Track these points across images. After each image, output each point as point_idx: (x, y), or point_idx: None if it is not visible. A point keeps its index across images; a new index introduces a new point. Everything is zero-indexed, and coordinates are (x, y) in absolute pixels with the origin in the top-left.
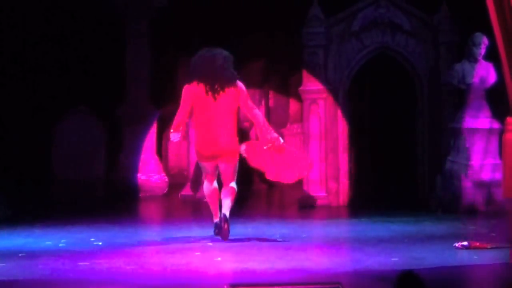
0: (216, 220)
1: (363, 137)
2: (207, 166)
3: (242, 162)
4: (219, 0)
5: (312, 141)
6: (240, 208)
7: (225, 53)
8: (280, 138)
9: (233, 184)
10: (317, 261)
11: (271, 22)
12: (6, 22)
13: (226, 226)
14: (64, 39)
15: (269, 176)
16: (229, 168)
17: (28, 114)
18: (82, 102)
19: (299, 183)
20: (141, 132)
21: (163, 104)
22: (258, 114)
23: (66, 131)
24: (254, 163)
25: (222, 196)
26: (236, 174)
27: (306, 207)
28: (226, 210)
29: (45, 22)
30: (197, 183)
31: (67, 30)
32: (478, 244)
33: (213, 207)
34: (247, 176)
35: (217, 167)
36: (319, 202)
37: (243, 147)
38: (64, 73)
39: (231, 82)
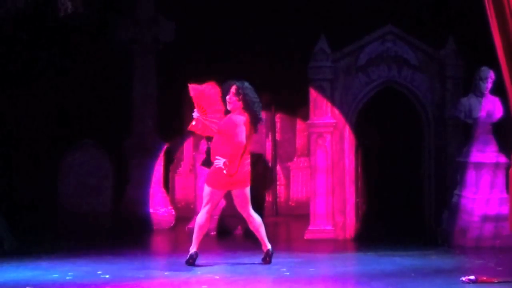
0: (193, 251)
1: (369, 171)
2: (220, 195)
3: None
4: (225, 34)
5: (319, 174)
6: (247, 240)
7: None
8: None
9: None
10: None
11: (277, 56)
12: (10, 55)
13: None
14: (71, 72)
15: None
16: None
17: (35, 147)
18: (89, 135)
19: (306, 216)
20: (147, 165)
21: (170, 137)
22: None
23: (73, 163)
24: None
25: (253, 228)
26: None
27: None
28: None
29: (52, 55)
30: None
31: (73, 64)
32: (485, 278)
33: (199, 238)
34: (255, 208)
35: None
36: (326, 235)
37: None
38: (71, 106)
39: None
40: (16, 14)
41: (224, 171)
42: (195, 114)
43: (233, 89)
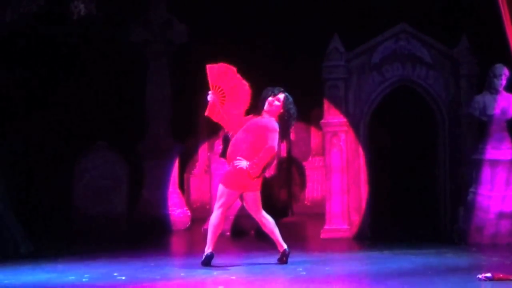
0: (209, 252)
1: (384, 169)
2: (235, 196)
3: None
4: (238, 35)
5: (334, 174)
6: (264, 240)
7: None
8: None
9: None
10: None
11: (291, 56)
12: (23, 60)
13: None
14: (85, 75)
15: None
16: (254, 197)
17: (51, 150)
18: (104, 138)
19: (322, 215)
20: (163, 167)
21: (185, 138)
22: None
23: (88, 166)
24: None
25: (267, 230)
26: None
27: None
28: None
29: (65, 59)
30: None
31: (88, 66)
32: (501, 275)
33: (214, 238)
34: (269, 209)
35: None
36: (341, 234)
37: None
38: (85, 109)
39: None
40: (29, 18)
41: (249, 172)
42: (209, 97)
43: (283, 95)
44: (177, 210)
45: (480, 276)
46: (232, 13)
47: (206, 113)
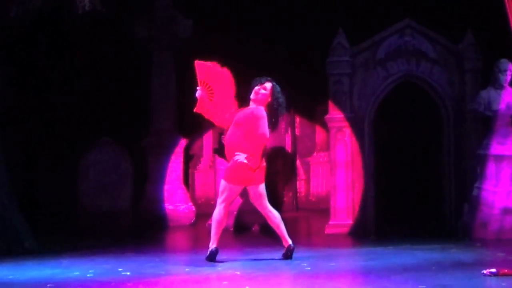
0: (213, 247)
1: (389, 165)
2: (237, 191)
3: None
4: (243, 30)
5: (338, 169)
6: (267, 236)
7: None
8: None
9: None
10: None
11: (296, 51)
12: (30, 57)
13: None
14: (89, 70)
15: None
16: (258, 190)
17: (55, 146)
18: (108, 134)
19: (326, 211)
20: (167, 162)
21: (189, 133)
22: None
23: (92, 162)
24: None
25: (273, 224)
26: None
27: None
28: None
29: (69, 54)
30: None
31: (91, 62)
32: (506, 271)
33: (217, 234)
34: (274, 204)
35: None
36: (346, 230)
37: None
38: (90, 104)
39: None
40: (34, 12)
41: (248, 164)
42: (198, 93)
43: (270, 85)
44: (182, 206)
45: (484, 271)
46: (237, 7)
47: (195, 109)
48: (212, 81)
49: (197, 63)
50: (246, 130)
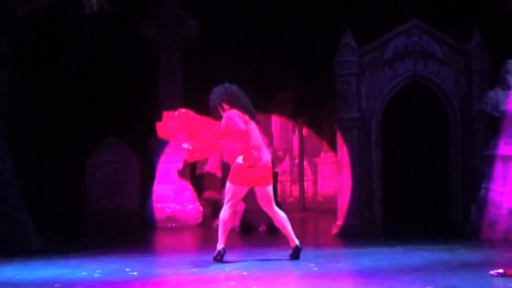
0: (221, 247)
1: (396, 165)
2: (242, 191)
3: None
4: (250, 31)
5: (345, 169)
6: (274, 236)
7: None
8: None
9: (279, 211)
10: None
11: (303, 52)
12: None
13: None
14: (96, 70)
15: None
16: (265, 191)
17: (61, 146)
18: (115, 133)
19: (334, 211)
20: (174, 162)
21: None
22: None
23: (99, 162)
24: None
25: (279, 225)
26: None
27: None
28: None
29: (77, 54)
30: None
31: (99, 62)
32: None
33: (224, 234)
34: (280, 204)
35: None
36: (353, 230)
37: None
38: (96, 104)
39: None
40: (41, 12)
41: (244, 163)
42: (185, 145)
43: (220, 107)
44: (189, 206)
45: (492, 272)
46: (244, 7)
47: (188, 160)
48: (191, 128)
49: (165, 115)
50: (230, 137)
